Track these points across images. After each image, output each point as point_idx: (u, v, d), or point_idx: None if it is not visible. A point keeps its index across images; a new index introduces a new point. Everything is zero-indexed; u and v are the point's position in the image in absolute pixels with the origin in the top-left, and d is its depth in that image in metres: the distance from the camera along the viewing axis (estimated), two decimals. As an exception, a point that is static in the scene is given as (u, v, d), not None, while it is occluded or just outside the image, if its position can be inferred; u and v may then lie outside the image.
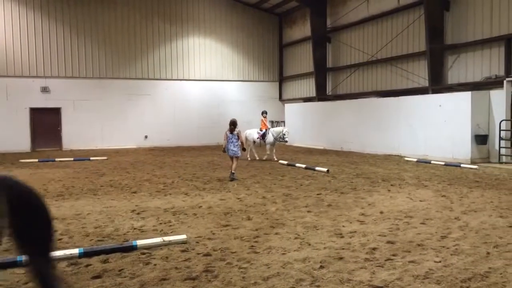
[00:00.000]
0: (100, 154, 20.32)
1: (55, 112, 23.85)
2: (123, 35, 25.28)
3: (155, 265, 5.12)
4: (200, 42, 27.05)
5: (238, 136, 12.15)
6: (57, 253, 5.34)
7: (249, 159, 16.83)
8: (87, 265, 5.12)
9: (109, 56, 25.03)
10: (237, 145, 12.13)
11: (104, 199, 9.39)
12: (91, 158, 18.10)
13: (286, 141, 17.15)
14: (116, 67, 25.23)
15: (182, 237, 6.08)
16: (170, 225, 7.04)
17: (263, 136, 17.08)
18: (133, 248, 5.65)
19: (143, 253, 5.52)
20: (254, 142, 17.45)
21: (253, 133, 17.42)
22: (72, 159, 18.05)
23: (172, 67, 26.48)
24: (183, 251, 5.64)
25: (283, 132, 16.93)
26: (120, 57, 25.28)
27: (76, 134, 23.94)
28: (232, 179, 11.77)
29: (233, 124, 12.10)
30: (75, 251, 5.43)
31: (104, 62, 24.97)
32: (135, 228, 6.86)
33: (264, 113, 18.25)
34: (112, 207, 8.47)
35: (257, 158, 17.02)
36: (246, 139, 17.15)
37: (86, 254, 5.39)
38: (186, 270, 4.94)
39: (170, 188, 10.75)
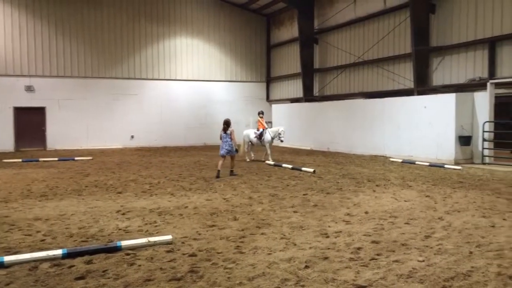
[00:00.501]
0: (85, 154, 20.12)
1: (40, 112, 23.53)
2: (110, 35, 25.08)
3: (139, 265, 5.09)
4: (187, 43, 26.95)
5: (231, 135, 12.66)
6: (40, 254, 5.29)
7: (247, 160, 16.79)
8: (70, 266, 5.06)
9: (95, 56, 24.80)
10: (231, 144, 12.71)
11: (89, 199, 9.30)
12: (76, 158, 17.91)
13: (282, 141, 16.53)
14: (102, 66, 25.00)
15: (168, 237, 6.05)
16: (156, 226, 7.00)
17: (260, 136, 16.67)
18: (117, 248, 5.60)
19: (128, 254, 5.48)
20: (251, 142, 17.03)
21: (250, 134, 17.05)
22: (56, 159, 17.83)
23: (159, 67, 26.34)
24: (168, 251, 5.61)
25: (279, 132, 16.47)
26: (107, 56, 25.07)
27: (60, 134, 23.65)
28: (232, 175, 12.74)
29: (226, 124, 12.74)
30: (59, 252, 5.36)
31: (90, 62, 24.73)
32: (120, 229, 6.80)
33: (260, 113, 17.83)
34: (97, 208, 8.39)
35: (252, 159, 16.96)
36: (243, 140, 17.09)
37: (69, 255, 5.33)
38: (171, 270, 4.92)
39: (156, 188, 10.69)
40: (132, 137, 25.41)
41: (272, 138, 16.54)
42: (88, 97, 24.51)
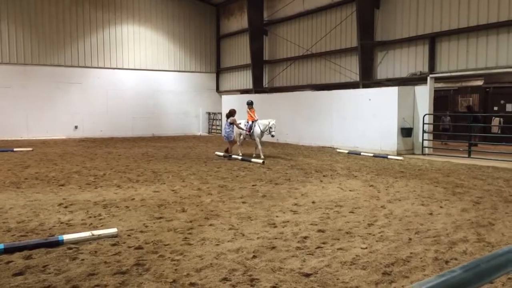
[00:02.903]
0: (25, 145, 19.14)
1: (-26, 100, 22.14)
2: (51, 19, 23.88)
3: (82, 260, 4.92)
4: (134, 30, 26.21)
5: (231, 123, 14.54)
6: (-26, 251, 4.99)
7: (240, 154, 14.89)
8: (8, 262, 4.82)
9: (35, 42, 23.56)
10: (228, 131, 14.59)
11: (28, 192, 8.87)
12: (15, 149, 16.99)
13: (273, 135, 14.43)
14: (42, 53, 23.80)
15: (113, 230, 5.89)
16: (100, 219, 6.80)
17: (249, 129, 14.80)
18: (59, 243, 5.39)
19: (70, 248, 5.28)
20: (241, 135, 15.29)
21: (241, 124, 15.19)
22: (-7, 150, 16.87)
23: (104, 55, 25.44)
24: (113, 245, 5.47)
25: (270, 125, 14.42)
26: (47, 43, 23.88)
27: (-2, 124, 22.39)
28: (229, 158, 14.28)
29: (229, 113, 14.71)
30: (-5, 247, 5.09)
31: (30, 48, 23.47)
32: (62, 222, 6.55)
33: (249, 104, 15.50)
34: (37, 201, 8.02)
35: (240, 155, 14.91)
36: (235, 132, 15.33)
37: (7, 251, 5.07)
38: (116, 264, 4.80)
39: (101, 180, 10.38)
40: (76, 127, 24.48)
41: (262, 132, 14.60)
42: (28, 85, 23.30)
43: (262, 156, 14.22)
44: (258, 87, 24.63)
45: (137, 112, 26.26)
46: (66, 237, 5.53)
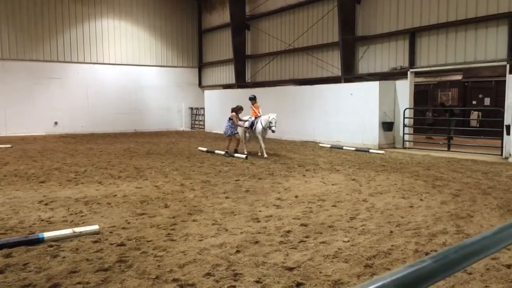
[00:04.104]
0: (3, 141, 18.75)
1: (-51, 96, 21.59)
2: (29, 13, 23.38)
3: (64, 257, 4.87)
4: (114, 25, 25.85)
5: (230, 119, 14.13)
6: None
7: (245, 153, 14.17)
8: (-14, 261, 4.74)
9: (13, 36, 23.05)
10: (226, 126, 14.22)
11: (8, 190, 8.71)
12: (-7, 146, 16.67)
13: (274, 131, 13.35)
14: (21, 48, 23.31)
15: (94, 227, 5.84)
16: (82, 216, 6.73)
17: (251, 126, 14.00)
18: (39, 240, 5.31)
19: (51, 246, 5.22)
20: (246, 132, 14.48)
21: (249, 121, 14.39)
22: (-30, 147, 16.50)
23: (84, 49, 25.04)
24: (95, 242, 5.42)
25: (270, 120, 13.32)
26: (26, 37, 23.39)
27: (-26, 120, 21.90)
28: (228, 156, 13.74)
29: (232, 109, 14.30)
30: (-27, 246, 4.99)
31: (8, 42, 22.96)
32: (42, 220, 6.46)
33: (252, 99, 14.62)
34: (17, 198, 7.89)
35: (245, 152, 14.24)
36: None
37: (-15, 250, 4.99)
38: (98, 261, 4.76)
39: (83, 177, 10.25)
40: (56, 123, 24.09)
41: (264, 129, 13.63)
42: (6, 80, 22.80)
43: (265, 155, 13.57)
44: (240, 82, 24.60)
45: (119, 108, 25.96)
46: (47, 234, 5.46)
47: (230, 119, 14.20)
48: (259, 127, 13.76)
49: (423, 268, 1.32)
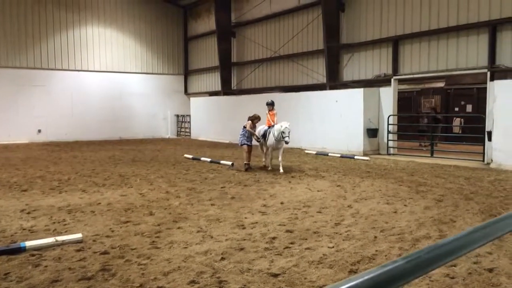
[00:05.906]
0: (-15, 150, 18.47)
1: None
2: (12, 20, 23.13)
3: (46, 266, 4.80)
4: (99, 32, 25.70)
5: (244, 127, 12.78)
6: None
7: (267, 167, 12.79)
8: (-34, 272, 4.65)
9: (-5, 43, 22.77)
10: (240, 135, 12.82)
11: (-11, 199, 8.57)
12: (-26, 155, 16.39)
13: (287, 142, 11.89)
14: (4, 55, 23.02)
15: (77, 236, 5.77)
16: (65, 224, 6.64)
17: (264, 136, 12.71)
18: (21, 249, 5.23)
19: (33, 255, 5.14)
20: (261, 144, 13.17)
21: (261, 131, 13.04)
22: (-50, 155, 16.19)
23: (69, 57, 24.83)
24: (78, 250, 5.35)
25: (282, 130, 11.82)
26: (9, 44, 23.11)
27: (-45, 128, 21.50)
28: (245, 169, 12.48)
29: (249, 117, 12.98)
30: (-48, 256, 4.89)
31: (-11, 49, 22.67)
32: (24, 229, 6.36)
33: (269, 104, 13.22)
34: (-2, 207, 7.76)
35: (267, 166, 12.86)
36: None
37: (-35, 260, 4.89)
38: (81, 270, 4.70)
39: (66, 185, 10.13)
40: (40, 131, 23.78)
41: (276, 140, 12.13)
42: (-13, 87, 22.48)
43: (282, 170, 11.94)
44: (226, 89, 24.62)
45: (104, 115, 25.74)
46: (29, 243, 5.38)
47: (244, 127, 12.80)
48: (271, 138, 12.26)
49: (395, 268, 1.35)
